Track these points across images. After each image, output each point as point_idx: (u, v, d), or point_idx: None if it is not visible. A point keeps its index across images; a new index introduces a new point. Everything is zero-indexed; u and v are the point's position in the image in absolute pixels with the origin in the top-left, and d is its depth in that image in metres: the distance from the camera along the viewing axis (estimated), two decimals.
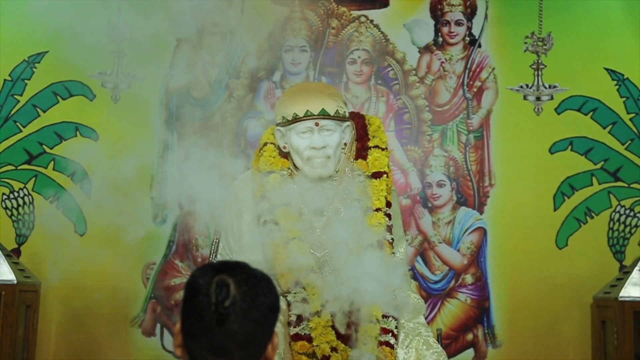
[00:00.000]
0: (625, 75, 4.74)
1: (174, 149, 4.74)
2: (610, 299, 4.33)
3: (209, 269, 1.58)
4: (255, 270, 1.60)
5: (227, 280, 1.54)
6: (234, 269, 1.58)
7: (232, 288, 1.53)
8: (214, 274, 1.56)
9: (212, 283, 1.54)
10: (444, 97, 4.81)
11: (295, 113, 3.05)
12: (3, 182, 4.67)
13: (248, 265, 1.61)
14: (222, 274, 1.55)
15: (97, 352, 4.54)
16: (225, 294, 1.53)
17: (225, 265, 1.59)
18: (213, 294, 1.53)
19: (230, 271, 1.56)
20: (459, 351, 4.64)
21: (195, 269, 1.62)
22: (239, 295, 1.53)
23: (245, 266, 1.60)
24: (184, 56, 4.80)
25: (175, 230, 4.68)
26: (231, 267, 1.58)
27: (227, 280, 1.54)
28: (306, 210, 3.09)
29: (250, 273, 1.58)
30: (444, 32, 4.84)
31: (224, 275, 1.55)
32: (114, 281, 4.60)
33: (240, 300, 1.53)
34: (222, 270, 1.56)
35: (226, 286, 1.53)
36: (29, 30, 4.70)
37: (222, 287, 1.53)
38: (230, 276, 1.55)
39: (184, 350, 1.58)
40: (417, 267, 4.67)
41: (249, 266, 1.61)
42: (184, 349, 1.58)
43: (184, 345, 1.57)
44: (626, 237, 4.67)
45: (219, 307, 1.52)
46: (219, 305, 1.52)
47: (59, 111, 4.72)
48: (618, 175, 4.71)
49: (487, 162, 4.75)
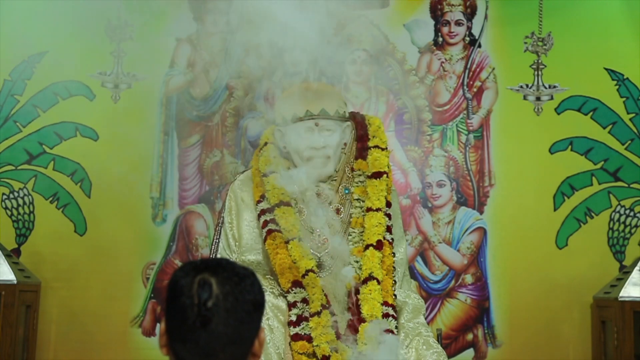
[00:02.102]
0: (625, 75, 4.74)
1: (174, 149, 4.74)
2: (610, 299, 4.34)
3: (190, 268, 1.56)
4: (238, 268, 1.58)
5: (209, 280, 1.52)
6: (216, 267, 1.56)
7: (215, 288, 1.52)
8: (195, 274, 1.54)
9: (194, 283, 1.52)
10: (444, 97, 4.81)
11: (295, 113, 3.06)
12: (3, 182, 4.67)
13: (231, 263, 1.59)
14: (204, 274, 1.53)
15: (97, 352, 4.54)
16: (208, 294, 1.51)
17: (207, 264, 1.57)
18: (195, 295, 1.51)
19: (212, 270, 1.54)
20: (459, 351, 4.64)
21: (177, 269, 1.60)
22: (222, 295, 1.52)
23: (227, 264, 1.58)
24: (184, 56, 4.80)
25: (175, 230, 4.68)
26: (213, 265, 1.56)
27: (209, 279, 1.52)
28: (306, 211, 3.09)
29: (232, 271, 1.56)
30: (444, 32, 4.84)
31: (206, 275, 1.53)
32: (114, 281, 4.60)
33: (223, 300, 1.51)
34: (204, 270, 1.54)
35: (208, 286, 1.51)
36: (29, 30, 4.71)
37: (204, 287, 1.51)
38: (212, 275, 1.53)
39: (169, 351, 1.57)
40: (417, 267, 4.67)
41: (231, 263, 1.59)
42: (169, 350, 1.57)
43: (169, 346, 1.56)
44: (626, 237, 4.67)
45: (202, 308, 1.50)
46: (202, 307, 1.50)
47: (59, 111, 4.71)
48: (618, 175, 4.71)
49: (487, 162, 4.75)
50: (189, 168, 4.74)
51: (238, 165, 4.67)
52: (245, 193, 3.18)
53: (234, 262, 1.62)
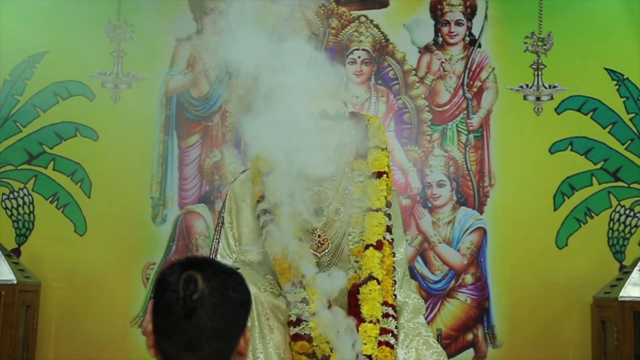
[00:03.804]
0: (625, 75, 4.75)
1: (174, 149, 4.75)
2: (610, 299, 4.34)
3: (177, 266, 1.58)
4: (224, 266, 1.60)
5: (195, 276, 1.54)
6: (202, 264, 1.58)
7: (200, 283, 1.53)
8: (182, 271, 1.56)
9: (180, 279, 1.54)
10: (444, 97, 4.81)
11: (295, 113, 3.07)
12: (3, 182, 4.67)
13: (217, 261, 1.62)
14: (190, 270, 1.55)
15: (97, 352, 4.55)
16: (193, 288, 1.52)
17: (194, 262, 1.58)
18: (181, 290, 1.52)
19: (199, 267, 1.56)
20: (459, 351, 4.65)
21: (164, 268, 1.62)
22: (207, 290, 1.53)
23: (213, 262, 1.61)
24: (184, 56, 4.80)
25: (175, 230, 4.69)
26: (199, 263, 1.58)
27: (195, 275, 1.54)
28: (306, 211, 3.10)
29: (219, 268, 1.58)
30: (444, 32, 4.84)
31: (192, 271, 1.55)
32: (114, 281, 4.61)
33: (208, 294, 1.53)
34: (190, 267, 1.56)
35: (194, 281, 1.53)
36: (29, 30, 4.71)
37: (189, 282, 1.53)
38: (199, 272, 1.55)
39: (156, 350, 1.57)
40: (417, 267, 4.68)
41: (217, 262, 1.62)
42: (156, 349, 1.57)
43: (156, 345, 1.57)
44: (626, 237, 4.67)
45: (187, 300, 1.51)
46: (187, 299, 1.52)
47: (59, 111, 4.72)
48: (618, 175, 4.71)
49: (487, 162, 4.76)
50: (189, 168, 4.75)
51: (238, 165, 4.68)
52: (246, 193, 3.19)
53: (220, 261, 1.64)
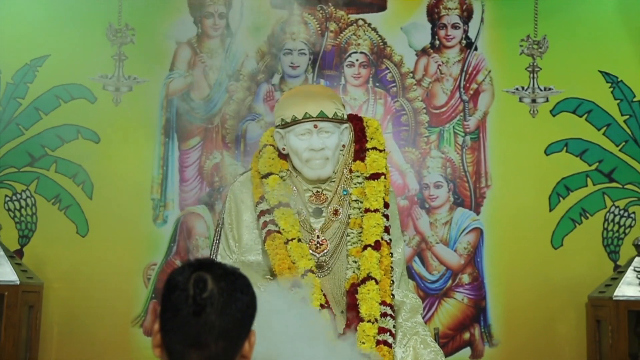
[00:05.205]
0: (619, 78, 4.76)
1: (175, 152, 4.77)
2: (605, 298, 4.37)
3: (186, 266, 1.61)
4: (232, 268, 1.63)
5: (204, 276, 1.56)
6: (212, 266, 1.61)
7: (210, 283, 1.56)
8: (192, 271, 1.58)
9: (190, 279, 1.57)
10: (441, 100, 4.84)
11: (294, 115, 3.10)
12: (6, 184, 4.69)
13: (225, 264, 1.64)
14: (200, 271, 1.58)
15: (99, 352, 4.55)
16: (203, 287, 1.55)
17: (203, 263, 1.61)
18: (191, 288, 1.55)
19: (208, 268, 1.59)
20: (456, 350, 4.67)
21: (173, 269, 1.64)
22: (217, 290, 1.56)
23: (222, 264, 1.64)
24: (184, 59, 4.83)
25: (176, 231, 4.71)
26: (209, 264, 1.61)
27: (205, 276, 1.57)
28: (305, 212, 3.13)
29: (227, 270, 1.61)
30: (441, 35, 4.87)
31: (202, 272, 1.58)
32: (116, 282, 4.61)
33: (218, 294, 1.56)
34: (199, 268, 1.59)
35: (203, 281, 1.55)
36: (31, 34, 4.74)
37: (199, 282, 1.55)
38: (208, 272, 1.58)
39: (162, 350, 1.59)
40: (415, 267, 4.70)
41: (226, 265, 1.64)
42: (162, 348, 1.59)
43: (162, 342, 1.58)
44: (620, 237, 4.70)
45: (197, 298, 1.54)
46: (197, 297, 1.54)
47: (60, 114, 4.73)
48: (612, 176, 4.73)
49: (484, 164, 4.78)
50: (189, 170, 4.77)
51: (238, 167, 4.70)
52: (245, 194, 3.21)
53: (227, 264, 1.67)
